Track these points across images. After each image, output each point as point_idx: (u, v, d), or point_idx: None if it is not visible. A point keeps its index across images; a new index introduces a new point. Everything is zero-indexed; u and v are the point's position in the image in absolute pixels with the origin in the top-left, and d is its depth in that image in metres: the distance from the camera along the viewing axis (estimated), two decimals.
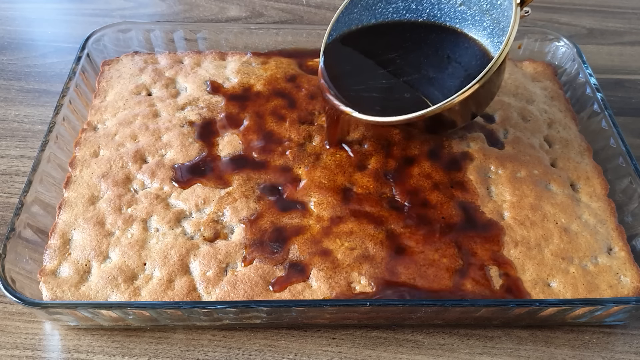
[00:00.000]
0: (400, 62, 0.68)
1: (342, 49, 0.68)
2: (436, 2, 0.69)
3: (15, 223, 0.59)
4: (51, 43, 0.92)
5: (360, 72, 0.67)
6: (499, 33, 0.66)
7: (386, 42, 0.69)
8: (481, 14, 0.67)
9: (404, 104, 0.64)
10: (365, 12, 0.68)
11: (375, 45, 0.69)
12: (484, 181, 0.67)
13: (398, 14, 0.69)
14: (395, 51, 0.68)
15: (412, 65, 0.67)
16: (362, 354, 0.58)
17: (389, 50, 0.69)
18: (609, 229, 0.64)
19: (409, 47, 0.69)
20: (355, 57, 0.68)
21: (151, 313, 0.55)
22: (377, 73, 0.67)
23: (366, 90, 0.66)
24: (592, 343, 0.60)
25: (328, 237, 0.61)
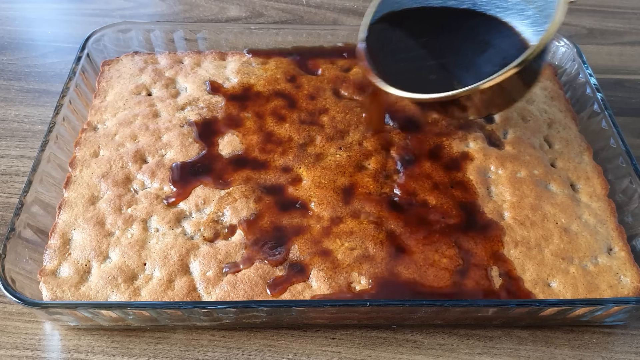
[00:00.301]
0: (440, 44, 0.69)
1: (383, 30, 0.69)
2: None
3: (15, 223, 0.59)
4: (51, 43, 0.92)
5: (400, 52, 0.68)
6: (543, 21, 0.65)
7: (427, 25, 0.70)
8: (525, 2, 0.67)
9: (442, 83, 0.65)
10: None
11: (416, 27, 0.70)
12: (484, 181, 0.67)
13: (433, 0, 0.70)
14: (436, 34, 0.69)
15: (452, 48, 0.68)
16: (362, 354, 0.58)
17: (430, 33, 0.70)
18: (609, 229, 0.64)
19: (449, 31, 0.70)
20: (397, 38, 0.69)
21: (151, 313, 0.55)
22: (417, 54, 0.68)
23: (406, 70, 0.67)
24: (592, 343, 0.60)
25: (328, 237, 0.61)
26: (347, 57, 0.82)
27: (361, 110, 0.74)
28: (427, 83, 0.66)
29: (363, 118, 0.72)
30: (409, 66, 0.68)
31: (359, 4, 1.03)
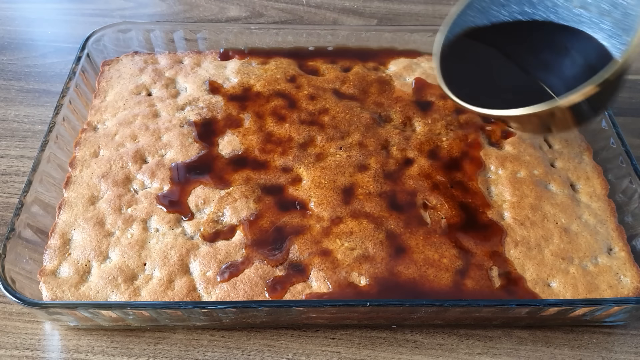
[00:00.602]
0: (519, 57, 0.68)
1: (458, 49, 0.67)
2: (551, 5, 0.67)
3: (15, 223, 0.59)
4: (51, 43, 0.92)
5: (479, 69, 0.68)
6: (620, 33, 0.63)
7: (502, 40, 0.69)
8: (600, 15, 0.65)
9: (527, 97, 0.62)
10: (480, 15, 0.68)
11: (491, 43, 0.69)
12: (484, 181, 0.67)
13: (512, 17, 0.68)
14: (513, 48, 0.68)
15: (531, 61, 0.67)
16: (362, 354, 0.58)
17: (506, 47, 0.69)
18: (609, 229, 0.64)
19: (525, 44, 0.68)
20: (473, 56, 0.69)
21: (151, 313, 0.55)
22: (496, 70, 0.68)
23: (486, 86, 0.66)
24: (592, 343, 0.60)
25: (328, 237, 0.61)
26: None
27: (361, 111, 0.74)
28: (513, 97, 0.64)
29: None
30: (490, 83, 0.67)
31: (359, 4, 1.03)
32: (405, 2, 1.03)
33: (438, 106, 0.75)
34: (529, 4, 0.67)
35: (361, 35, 0.84)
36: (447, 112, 0.74)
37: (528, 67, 0.68)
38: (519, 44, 0.68)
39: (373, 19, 1.00)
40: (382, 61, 0.83)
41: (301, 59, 0.82)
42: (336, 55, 0.83)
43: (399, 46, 0.84)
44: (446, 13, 1.01)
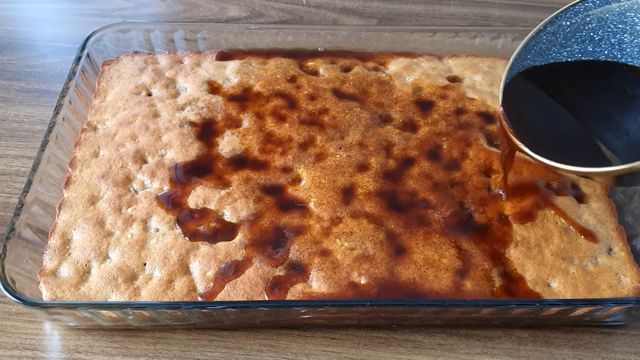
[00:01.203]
0: (583, 103, 0.63)
1: (519, 91, 0.63)
2: (616, 43, 0.62)
3: (15, 223, 0.59)
4: (51, 43, 0.92)
5: (541, 114, 0.63)
6: None
7: (564, 82, 0.64)
8: None
9: (593, 152, 0.59)
10: (539, 57, 0.64)
11: (553, 85, 0.64)
12: (484, 181, 0.67)
13: (573, 57, 0.64)
14: (576, 91, 0.63)
15: (596, 107, 0.62)
16: (362, 354, 0.58)
17: (568, 90, 0.64)
18: (609, 229, 0.64)
19: (589, 86, 0.63)
20: (534, 99, 0.64)
21: (151, 313, 0.55)
22: (559, 115, 0.63)
23: (550, 133, 0.62)
24: (592, 343, 0.60)
25: (328, 237, 0.61)
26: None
27: (361, 111, 0.74)
28: (573, 151, 0.60)
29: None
30: (551, 130, 0.62)
31: (359, 4, 1.03)
32: (405, 2, 1.03)
33: (438, 106, 0.75)
34: (590, 41, 0.63)
35: (361, 35, 0.84)
36: (447, 112, 0.74)
37: (589, 114, 0.62)
38: (579, 85, 0.64)
39: (373, 19, 1.00)
40: (382, 61, 0.83)
41: (301, 59, 0.82)
42: (336, 55, 0.83)
43: (399, 46, 0.84)
44: (446, 13, 1.02)
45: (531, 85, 0.63)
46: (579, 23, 0.62)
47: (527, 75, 0.63)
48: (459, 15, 1.01)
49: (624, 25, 0.60)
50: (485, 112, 0.75)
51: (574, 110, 0.62)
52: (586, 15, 0.61)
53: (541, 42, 0.63)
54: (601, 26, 0.61)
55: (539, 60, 0.64)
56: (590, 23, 0.61)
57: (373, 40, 0.84)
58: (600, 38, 0.62)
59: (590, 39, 0.62)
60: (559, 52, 0.63)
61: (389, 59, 0.83)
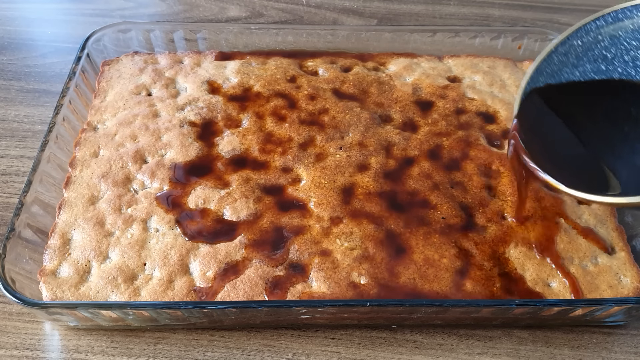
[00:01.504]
0: (594, 124, 0.61)
1: (532, 113, 0.61)
2: (630, 60, 0.60)
3: (15, 223, 0.59)
4: (51, 43, 0.92)
5: (552, 133, 0.61)
6: None
7: (576, 102, 0.62)
8: None
9: (597, 177, 0.58)
10: (551, 79, 0.62)
11: (566, 104, 0.63)
12: (484, 181, 0.67)
13: (586, 76, 0.62)
14: (587, 111, 0.61)
15: (607, 129, 0.60)
16: (362, 354, 0.58)
17: (580, 110, 0.62)
18: (609, 229, 0.64)
19: (601, 106, 0.62)
20: (546, 117, 0.62)
21: (151, 313, 0.55)
22: (574, 139, 0.61)
23: (560, 156, 0.61)
24: (592, 343, 0.60)
25: (328, 237, 0.61)
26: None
27: (361, 111, 0.74)
28: (578, 174, 0.58)
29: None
30: (564, 153, 0.61)
31: (359, 4, 1.03)
32: (405, 2, 1.03)
33: (438, 106, 0.75)
34: (603, 60, 0.61)
35: (361, 35, 0.84)
36: (447, 112, 0.74)
37: (600, 137, 0.61)
38: (591, 105, 0.62)
39: (373, 19, 1.00)
40: (382, 61, 0.83)
41: (301, 59, 0.82)
42: (336, 55, 0.83)
43: (399, 46, 0.84)
44: (446, 13, 1.02)
45: (544, 103, 0.62)
46: (591, 42, 0.61)
47: (542, 92, 0.61)
48: (459, 15, 1.01)
49: (638, 42, 0.59)
50: (485, 112, 0.75)
51: (585, 131, 0.61)
52: (598, 33, 0.60)
53: (552, 64, 0.61)
54: (614, 44, 0.60)
55: (551, 81, 0.62)
56: (603, 41, 0.60)
57: (373, 40, 0.84)
58: (614, 56, 0.60)
59: (603, 58, 0.61)
60: (571, 72, 0.62)
61: (389, 59, 0.83)
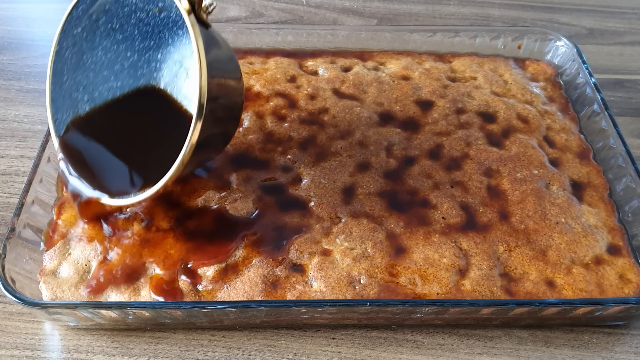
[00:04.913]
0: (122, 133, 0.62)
1: (77, 137, 0.61)
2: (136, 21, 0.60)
3: (15, 223, 0.59)
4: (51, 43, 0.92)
5: (96, 156, 0.61)
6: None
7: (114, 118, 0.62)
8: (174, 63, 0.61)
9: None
10: (68, 109, 0.62)
11: (104, 123, 0.63)
12: (484, 181, 0.67)
13: (104, 98, 0.62)
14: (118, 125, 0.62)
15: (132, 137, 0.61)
16: (362, 354, 0.58)
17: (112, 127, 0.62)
18: (609, 228, 0.64)
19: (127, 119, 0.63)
20: (90, 142, 0.61)
21: (151, 313, 0.55)
22: (108, 151, 0.61)
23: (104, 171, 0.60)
24: (592, 343, 0.60)
25: (328, 237, 0.61)
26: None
27: (361, 110, 0.74)
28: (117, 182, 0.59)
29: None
30: (105, 167, 0.60)
31: (359, 4, 1.03)
32: (405, 2, 1.03)
33: (438, 106, 0.75)
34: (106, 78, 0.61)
35: (361, 35, 0.84)
36: (447, 112, 0.74)
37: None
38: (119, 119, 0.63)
39: (373, 19, 1.00)
40: (382, 61, 0.83)
41: (301, 58, 0.82)
42: (336, 55, 0.83)
43: (399, 46, 0.84)
44: (446, 13, 1.02)
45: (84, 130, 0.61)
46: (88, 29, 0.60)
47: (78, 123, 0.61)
48: (458, 15, 1.01)
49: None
50: (485, 112, 0.75)
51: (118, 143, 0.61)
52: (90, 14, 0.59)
53: (60, 96, 0.61)
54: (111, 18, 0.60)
55: (69, 112, 0.61)
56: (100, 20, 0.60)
57: (373, 40, 0.84)
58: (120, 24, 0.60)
59: (109, 32, 0.60)
60: (82, 100, 0.61)
61: (388, 58, 0.83)
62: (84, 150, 0.60)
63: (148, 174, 0.57)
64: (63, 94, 0.61)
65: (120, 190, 0.58)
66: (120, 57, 0.62)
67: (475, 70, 0.81)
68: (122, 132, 0.62)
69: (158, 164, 0.55)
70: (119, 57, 0.62)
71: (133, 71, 0.62)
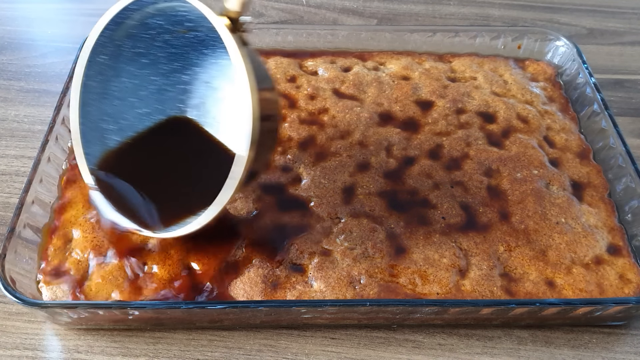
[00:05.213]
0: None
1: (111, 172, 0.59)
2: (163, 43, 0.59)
3: (15, 223, 0.59)
4: (51, 43, 0.92)
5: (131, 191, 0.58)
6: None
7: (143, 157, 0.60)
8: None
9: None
10: (97, 146, 0.59)
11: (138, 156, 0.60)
12: (484, 181, 0.67)
13: (146, 117, 0.60)
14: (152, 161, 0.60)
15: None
16: (362, 354, 0.58)
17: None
18: (609, 228, 0.64)
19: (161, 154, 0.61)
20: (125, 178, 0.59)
21: (151, 313, 0.55)
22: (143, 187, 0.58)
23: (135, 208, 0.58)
24: (592, 343, 0.60)
25: (328, 237, 0.61)
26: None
27: (361, 110, 0.74)
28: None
29: None
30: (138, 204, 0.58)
31: (359, 4, 1.03)
32: (405, 2, 1.03)
33: (438, 106, 0.75)
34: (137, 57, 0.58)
35: (361, 35, 0.84)
36: (447, 112, 0.74)
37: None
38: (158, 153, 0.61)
39: (373, 19, 1.00)
40: (382, 61, 0.83)
41: (301, 58, 0.82)
42: (336, 54, 0.83)
43: (399, 46, 0.84)
44: (446, 13, 1.02)
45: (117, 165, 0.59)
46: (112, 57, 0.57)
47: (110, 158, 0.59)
48: (458, 15, 1.01)
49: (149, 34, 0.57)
50: (485, 112, 0.75)
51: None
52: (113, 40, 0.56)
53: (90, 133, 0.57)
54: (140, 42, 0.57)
55: (97, 149, 0.58)
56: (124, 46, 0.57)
57: (373, 40, 0.84)
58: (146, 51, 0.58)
59: (136, 55, 0.58)
60: (111, 137, 0.59)
61: (388, 58, 0.83)
62: (116, 183, 0.58)
63: (187, 204, 0.55)
64: (91, 125, 0.58)
65: (155, 223, 0.56)
66: (146, 82, 0.60)
67: (475, 70, 0.81)
68: (153, 164, 0.60)
69: (199, 193, 0.54)
70: (144, 82, 0.60)
71: (159, 95, 0.60)
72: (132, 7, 0.54)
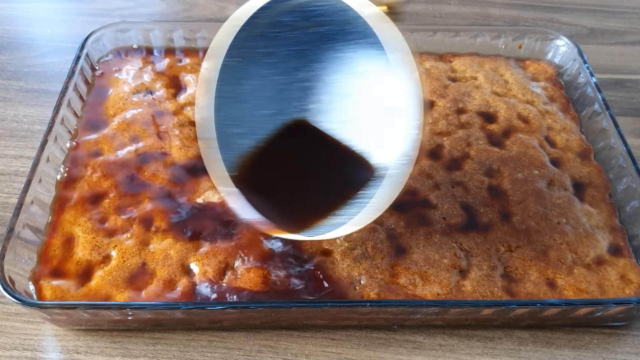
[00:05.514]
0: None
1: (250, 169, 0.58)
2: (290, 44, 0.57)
3: (15, 223, 0.59)
4: (50, 43, 0.92)
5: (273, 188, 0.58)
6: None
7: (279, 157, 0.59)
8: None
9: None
10: (229, 151, 0.56)
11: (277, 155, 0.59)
12: (484, 181, 0.67)
13: (273, 118, 0.58)
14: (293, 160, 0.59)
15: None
16: (362, 354, 0.58)
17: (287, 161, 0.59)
18: (610, 228, 0.64)
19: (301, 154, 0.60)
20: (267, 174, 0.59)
21: (150, 313, 0.55)
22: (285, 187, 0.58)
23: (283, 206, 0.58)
24: (592, 344, 0.60)
25: None
26: None
27: None
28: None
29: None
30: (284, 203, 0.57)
31: None
32: (406, 1, 1.03)
33: (438, 105, 0.75)
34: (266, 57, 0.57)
35: None
36: (447, 112, 0.74)
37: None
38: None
39: None
40: None
41: None
42: None
43: None
44: (446, 12, 1.02)
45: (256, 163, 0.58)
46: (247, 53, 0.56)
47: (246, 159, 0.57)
48: (459, 14, 1.01)
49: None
50: (486, 112, 0.75)
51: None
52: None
53: (224, 138, 0.56)
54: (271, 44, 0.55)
55: (230, 156, 0.56)
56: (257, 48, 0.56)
57: None
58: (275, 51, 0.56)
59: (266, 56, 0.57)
60: (241, 143, 0.57)
61: None
62: (256, 185, 0.56)
63: (320, 206, 0.55)
64: (223, 130, 0.56)
65: (291, 225, 0.55)
66: (269, 82, 0.58)
67: (475, 70, 0.81)
68: (285, 165, 0.59)
69: (331, 195, 0.54)
70: (269, 83, 0.58)
71: (284, 95, 0.59)
72: (267, 5, 0.53)
